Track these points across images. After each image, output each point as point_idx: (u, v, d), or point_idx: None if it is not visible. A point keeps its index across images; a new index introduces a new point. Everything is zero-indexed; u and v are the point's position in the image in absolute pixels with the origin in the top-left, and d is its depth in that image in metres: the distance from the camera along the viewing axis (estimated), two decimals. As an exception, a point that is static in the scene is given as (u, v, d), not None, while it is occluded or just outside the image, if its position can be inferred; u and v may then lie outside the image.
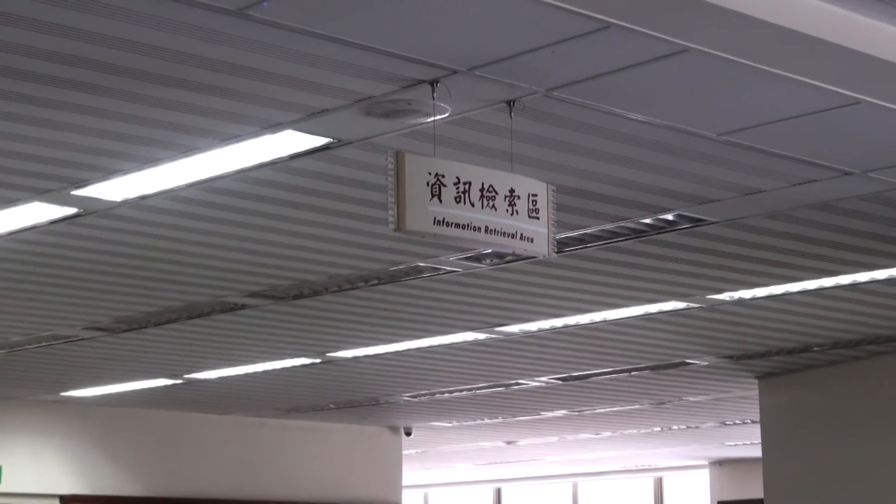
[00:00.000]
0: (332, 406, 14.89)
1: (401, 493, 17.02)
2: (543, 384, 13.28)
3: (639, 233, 7.85)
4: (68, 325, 10.46)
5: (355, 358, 11.78)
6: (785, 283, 9.07)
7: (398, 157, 5.59)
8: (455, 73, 5.39)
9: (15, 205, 7.27)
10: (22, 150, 6.42)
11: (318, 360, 11.94)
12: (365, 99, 5.70)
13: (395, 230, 5.58)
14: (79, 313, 10.05)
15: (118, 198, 7.10)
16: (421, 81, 5.48)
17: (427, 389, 13.74)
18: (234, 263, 8.59)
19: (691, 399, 14.51)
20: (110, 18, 4.71)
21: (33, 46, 5.11)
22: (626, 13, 4.85)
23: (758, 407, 12.89)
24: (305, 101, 5.77)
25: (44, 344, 11.12)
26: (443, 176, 5.67)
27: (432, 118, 5.71)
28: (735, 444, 18.18)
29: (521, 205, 5.90)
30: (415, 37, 5.08)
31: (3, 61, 5.30)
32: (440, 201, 5.65)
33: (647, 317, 10.09)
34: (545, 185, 5.99)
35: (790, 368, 12.27)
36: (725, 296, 9.43)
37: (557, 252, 6.26)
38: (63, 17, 4.79)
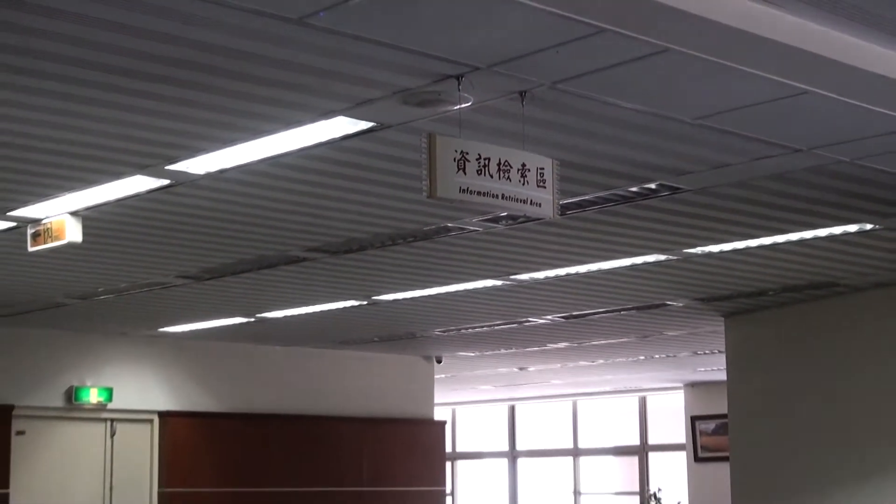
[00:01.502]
0: (376, 339, 14.91)
1: (433, 409, 17.03)
2: (549, 321, 13.29)
3: (627, 199, 7.86)
4: (163, 275, 10.52)
5: (395, 300, 11.81)
6: (746, 239, 9.07)
7: (430, 138, 5.64)
8: (476, 69, 5.42)
9: (120, 178, 7.31)
10: (127, 134, 6.45)
11: (365, 303, 11.97)
12: (402, 91, 5.72)
13: (427, 197, 5.65)
14: (172, 265, 10.10)
15: (202, 171, 7.14)
16: (448, 76, 5.50)
17: (454, 325, 13.75)
18: (296, 224, 8.62)
19: (669, 333, 14.51)
20: (199, 27, 4.79)
21: (146, 52, 5.18)
22: (616, 20, 4.89)
23: (724, 340, 12.87)
24: (354, 93, 5.79)
25: (144, 290, 11.18)
26: (466, 153, 5.72)
27: (458, 106, 5.74)
28: (705, 370, 18.15)
29: (531, 176, 5.94)
30: (443, 40, 5.12)
31: (121, 63, 5.34)
32: (464, 174, 5.71)
33: (633, 267, 10.08)
34: (551, 160, 6.03)
35: (749, 308, 12.25)
36: (697, 250, 9.42)
37: (560, 215, 6.32)
38: (166, 27, 4.87)
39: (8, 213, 8.16)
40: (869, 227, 8.69)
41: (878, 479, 10.97)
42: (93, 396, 13.92)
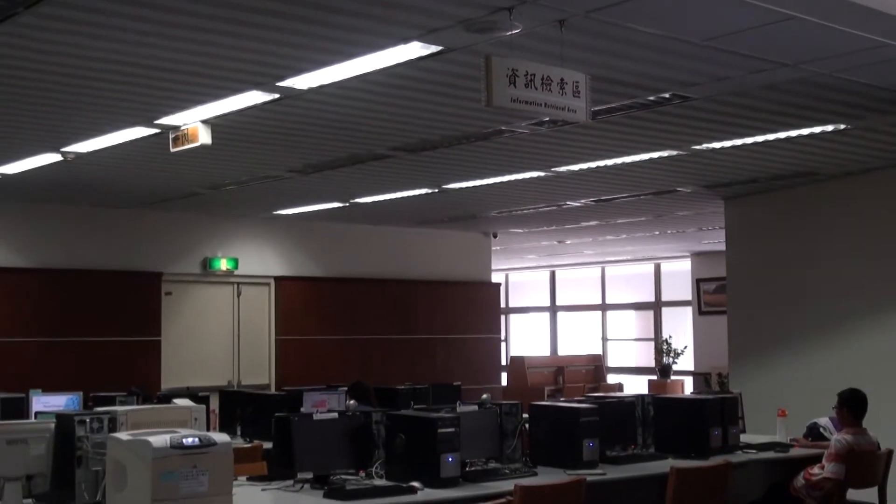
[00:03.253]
0: (445, 219, 14.94)
1: (490, 274, 17.10)
2: (582, 204, 13.26)
3: (646, 106, 7.81)
4: (275, 169, 10.58)
5: (460, 188, 11.80)
6: (742, 137, 9.00)
7: (487, 58, 5.68)
8: (524, 2, 5.39)
9: (240, 92, 7.35)
10: (245, 57, 6.49)
11: (436, 190, 11.97)
12: (465, 20, 5.73)
13: (485, 105, 5.71)
14: (281, 161, 10.15)
15: (305, 87, 7.15)
16: (501, 8, 5.51)
17: (507, 208, 13.76)
18: (381, 128, 8.61)
19: (679, 213, 14.46)
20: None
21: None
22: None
23: (723, 218, 12.81)
24: (426, 23, 5.80)
25: (261, 181, 11.24)
26: (516, 70, 5.76)
27: (509, 32, 5.74)
28: (708, 242, 18.10)
29: (568, 89, 5.98)
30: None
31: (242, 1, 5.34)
32: (514, 87, 5.77)
33: (650, 160, 10.04)
34: (584, 75, 6.05)
35: (745, 193, 12.18)
36: (703, 146, 9.37)
37: (592, 119, 6.32)
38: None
39: (154, 122, 8.23)
40: (842, 126, 8.59)
41: (849, 324, 10.96)
42: (223, 265, 14.09)
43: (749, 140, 9.12)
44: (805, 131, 8.76)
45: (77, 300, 12.92)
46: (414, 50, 6.25)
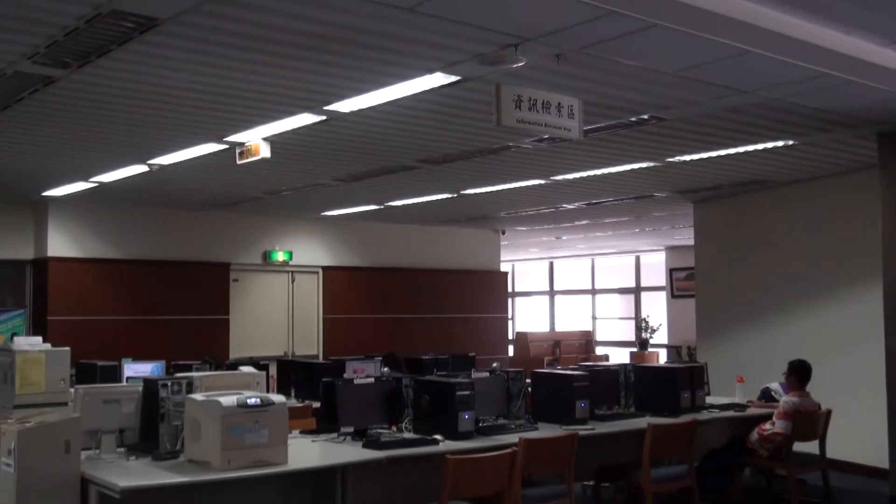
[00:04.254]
0: (463, 219, 14.93)
1: (499, 264, 17.09)
2: (575, 206, 13.24)
3: (628, 125, 7.78)
4: (322, 178, 10.60)
5: (475, 194, 11.80)
6: (709, 151, 8.97)
7: (497, 86, 5.68)
8: (528, 39, 5.37)
9: (292, 115, 7.36)
10: (298, 85, 6.48)
11: (455, 195, 11.97)
12: (479, 55, 5.71)
13: (496, 125, 5.68)
14: (328, 171, 10.17)
15: (347, 110, 7.15)
16: (509, 45, 5.48)
17: (513, 210, 13.75)
18: (409, 144, 8.60)
19: (655, 214, 14.42)
20: (344, 11, 4.76)
21: (311, 31, 5.16)
22: (623, 3, 4.83)
23: (693, 218, 12.78)
24: (447, 57, 5.79)
25: (311, 188, 11.26)
26: (521, 96, 5.75)
27: (515, 65, 5.72)
28: (680, 238, 18.03)
29: (564, 111, 5.96)
30: (505, 21, 5.09)
31: (296, 39, 5.33)
32: (520, 110, 5.76)
33: (632, 170, 10.02)
34: (577, 100, 6.03)
35: (710, 197, 12.13)
36: (676, 158, 9.34)
37: (584, 136, 6.29)
38: (324, 15, 4.82)
39: (223, 139, 8.25)
40: (791, 142, 8.56)
41: (796, 306, 10.93)
42: (280, 257, 14.12)
43: (714, 153, 9.08)
44: (760, 146, 8.72)
45: (161, 286, 12.97)
46: (437, 79, 6.25)
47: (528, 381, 7.93)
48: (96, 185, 10.74)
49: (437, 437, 6.63)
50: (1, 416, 6.28)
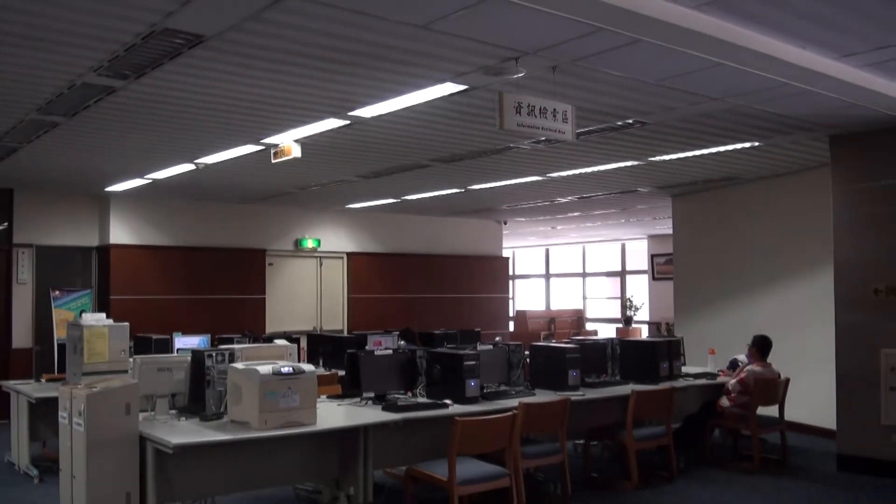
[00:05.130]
0: (469, 211, 14.92)
1: (501, 250, 17.06)
2: (568, 200, 13.23)
3: (615, 129, 7.76)
4: (346, 175, 10.59)
5: (480, 189, 11.78)
6: (685, 151, 8.94)
7: (500, 94, 5.66)
8: (527, 53, 5.37)
9: (320, 120, 7.35)
10: (325, 94, 6.47)
11: (462, 190, 11.96)
12: (484, 67, 5.70)
13: (498, 129, 5.67)
14: (351, 169, 10.15)
15: (368, 116, 7.15)
16: (510, 58, 5.48)
17: (514, 203, 13.73)
18: (423, 145, 8.59)
19: (639, 206, 14.40)
20: (368, 29, 4.76)
21: (334, 46, 5.15)
22: (610, 22, 4.81)
23: (671, 210, 12.76)
24: (456, 69, 5.78)
25: (336, 183, 11.25)
26: (521, 102, 5.73)
27: (516, 75, 5.71)
28: (660, 228, 17.98)
29: (559, 116, 5.94)
30: (507, 38, 5.08)
31: (323, 53, 5.33)
32: (520, 115, 5.73)
33: (618, 168, 10.01)
34: (571, 106, 6.02)
35: (687, 192, 12.11)
36: (657, 158, 9.32)
37: (576, 138, 6.28)
38: (347, 31, 4.82)
39: (260, 141, 8.26)
40: (757, 143, 8.54)
41: (761, 288, 10.92)
42: (309, 244, 14.12)
43: (690, 153, 9.06)
44: (730, 147, 8.70)
45: (206, 269, 13.01)
46: (447, 88, 6.25)
47: (527, 352, 7.96)
48: (150, 181, 10.77)
49: (447, 401, 6.66)
50: (72, 382, 6.34)
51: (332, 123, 7.46)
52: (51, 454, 8.02)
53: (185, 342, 9.03)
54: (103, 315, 7.32)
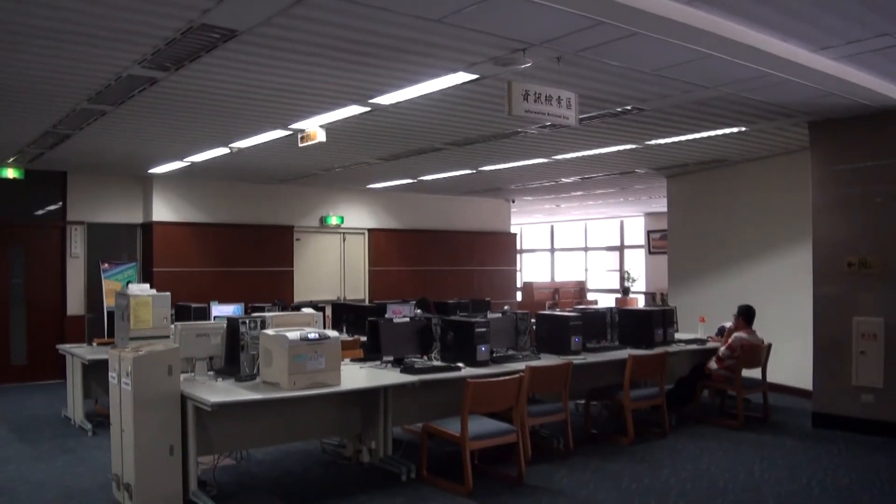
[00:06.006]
0: (480, 190, 14.86)
1: (510, 226, 17.02)
2: (572, 181, 13.18)
3: (614, 115, 7.71)
4: (367, 158, 10.57)
5: (491, 170, 11.73)
6: (679, 135, 8.89)
7: (509, 83, 5.65)
8: (534, 45, 5.35)
9: (343, 107, 7.33)
10: (347, 83, 6.47)
11: (474, 171, 11.91)
12: (494, 57, 5.67)
13: (507, 115, 5.66)
14: (371, 153, 10.13)
15: (387, 103, 7.12)
16: (518, 49, 5.45)
17: (521, 183, 13.69)
18: (437, 130, 8.55)
19: (637, 186, 14.32)
20: (385, 23, 4.74)
21: (353, 38, 5.14)
22: (610, 16, 4.79)
23: (666, 190, 12.72)
24: (468, 59, 5.75)
25: (357, 165, 11.23)
26: (528, 90, 5.71)
27: (523, 65, 5.68)
28: (656, 206, 17.90)
29: (563, 102, 5.92)
30: (515, 30, 5.05)
31: (344, 45, 5.33)
32: (527, 102, 5.72)
33: (618, 151, 9.95)
34: (574, 94, 6.00)
35: (680, 173, 12.05)
36: (653, 141, 9.26)
37: (579, 123, 6.26)
38: (366, 24, 4.78)
39: (288, 126, 8.26)
40: (744, 128, 8.48)
41: (747, 261, 10.90)
42: (333, 221, 14.12)
43: (683, 137, 9.00)
44: (720, 132, 8.64)
45: (240, 244, 13.06)
46: (460, 77, 6.22)
47: (533, 320, 7.98)
48: (189, 163, 10.79)
49: (460, 364, 6.70)
50: (120, 346, 6.41)
51: (354, 110, 7.44)
52: (102, 410, 8.12)
53: (221, 310, 9.09)
54: (147, 286, 7.39)
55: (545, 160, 10.79)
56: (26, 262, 11.61)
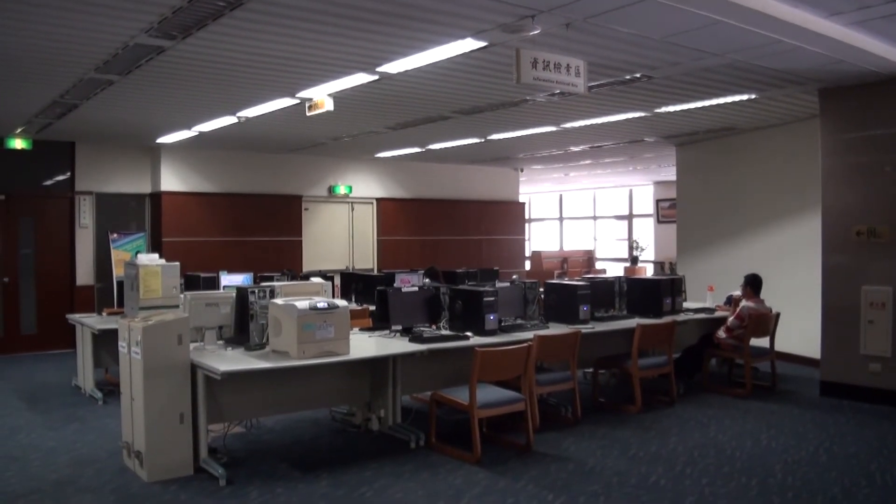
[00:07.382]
0: (489, 159, 14.82)
1: (518, 195, 17.00)
2: (580, 149, 13.12)
3: (623, 82, 7.66)
4: (375, 127, 10.55)
5: (499, 139, 11.70)
6: (688, 103, 8.84)
7: (517, 50, 5.61)
8: (542, 11, 5.31)
9: (350, 75, 7.30)
10: (355, 51, 6.44)
11: (482, 140, 11.87)
12: (502, 24, 5.64)
13: (516, 82, 5.62)
14: (379, 121, 10.11)
15: (395, 71, 7.09)
16: (526, 16, 5.41)
17: (530, 151, 13.66)
18: (446, 98, 8.52)
19: (646, 155, 14.27)
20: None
21: (360, 5, 5.09)
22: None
23: (675, 158, 12.66)
24: (476, 26, 5.72)
25: (366, 134, 11.21)
26: (537, 58, 5.68)
27: (532, 32, 5.65)
28: (665, 174, 17.83)
29: (572, 70, 5.88)
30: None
31: (349, 12, 5.29)
32: (536, 69, 5.69)
33: (626, 119, 9.90)
34: (583, 61, 5.95)
35: (689, 141, 11.99)
36: (662, 109, 9.20)
37: (588, 91, 6.22)
38: None
39: (295, 95, 8.24)
40: (753, 96, 8.41)
41: (755, 229, 10.88)
42: (342, 190, 14.13)
43: (692, 105, 8.95)
44: (728, 99, 8.58)
45: (249, 213, 13.08)
46: (468, 45, 6.17)
47: (542, 289, 7.99)
48: (197, 133, 10.79)
49: (468, 333, 6.73)
50: (130, 316, 6.45)
51: (361, 78, 7.41)
52: (112, 379, 8.20)
53: (230, 280, 9.13)
54: (156, 255, 7.42)
55: (554, 128, 10.74)
56: (35, 232, 11.67)
